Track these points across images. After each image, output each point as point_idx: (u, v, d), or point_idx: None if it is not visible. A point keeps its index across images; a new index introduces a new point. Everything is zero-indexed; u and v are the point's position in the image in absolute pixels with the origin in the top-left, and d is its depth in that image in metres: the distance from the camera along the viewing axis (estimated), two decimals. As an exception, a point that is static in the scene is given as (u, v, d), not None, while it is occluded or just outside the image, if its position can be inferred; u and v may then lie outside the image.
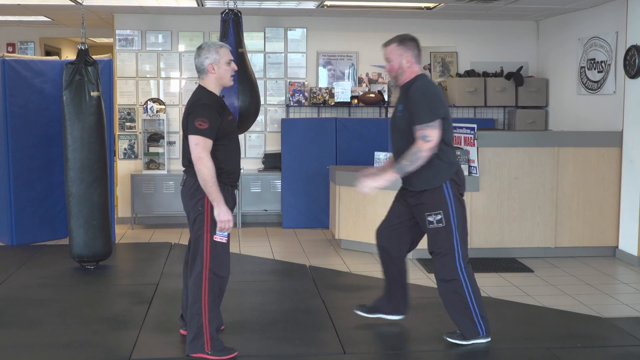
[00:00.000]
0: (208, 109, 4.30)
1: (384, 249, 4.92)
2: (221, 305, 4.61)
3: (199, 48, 4.46)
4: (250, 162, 9.56)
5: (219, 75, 4.43)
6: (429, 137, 4.42)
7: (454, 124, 7.39)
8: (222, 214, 4.28)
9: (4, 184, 7.80)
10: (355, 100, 9.42)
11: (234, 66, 4.47)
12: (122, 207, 9.38)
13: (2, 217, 7.94)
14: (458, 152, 7.11)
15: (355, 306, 5.15)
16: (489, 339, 4.66)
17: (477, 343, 4.62)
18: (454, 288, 4.58)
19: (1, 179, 7.84)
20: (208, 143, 4.27)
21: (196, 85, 4.51)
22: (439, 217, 4.53)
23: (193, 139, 4.27)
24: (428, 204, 4.58)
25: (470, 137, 7.11)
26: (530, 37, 9.77)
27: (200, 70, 4.45)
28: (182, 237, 8.39)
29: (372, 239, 7.35)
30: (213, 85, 4.45)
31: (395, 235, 4.84)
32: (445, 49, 9.75)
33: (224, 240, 4.40)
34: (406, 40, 4.64)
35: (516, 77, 9.33)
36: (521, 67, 9.43)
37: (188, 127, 4.33)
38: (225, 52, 4.45)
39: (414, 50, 4.62)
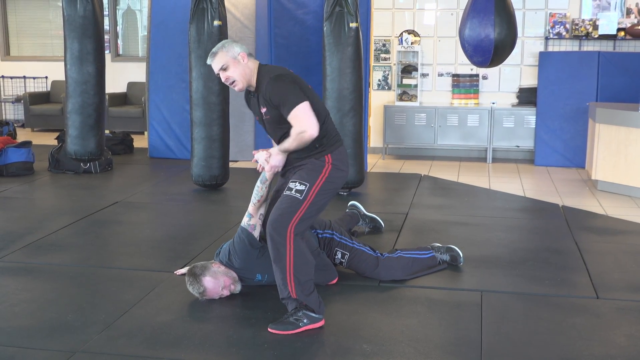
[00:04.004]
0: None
1: None
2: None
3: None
4: (503, 97, 9.34)
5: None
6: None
7: None
8: (277, 159, 3.98)
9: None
10: (622, 33, 8.79)
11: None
12: (374, 137, 9.61)
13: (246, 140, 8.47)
14: None
15: None
16: None
17: None
18: None
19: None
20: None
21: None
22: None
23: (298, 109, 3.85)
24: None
25: None
26: None
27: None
28: (431, 169, 8.45)
29: (632, 182, 7.00)
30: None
31: None
32: None
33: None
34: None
35: None
36: None
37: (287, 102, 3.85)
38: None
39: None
